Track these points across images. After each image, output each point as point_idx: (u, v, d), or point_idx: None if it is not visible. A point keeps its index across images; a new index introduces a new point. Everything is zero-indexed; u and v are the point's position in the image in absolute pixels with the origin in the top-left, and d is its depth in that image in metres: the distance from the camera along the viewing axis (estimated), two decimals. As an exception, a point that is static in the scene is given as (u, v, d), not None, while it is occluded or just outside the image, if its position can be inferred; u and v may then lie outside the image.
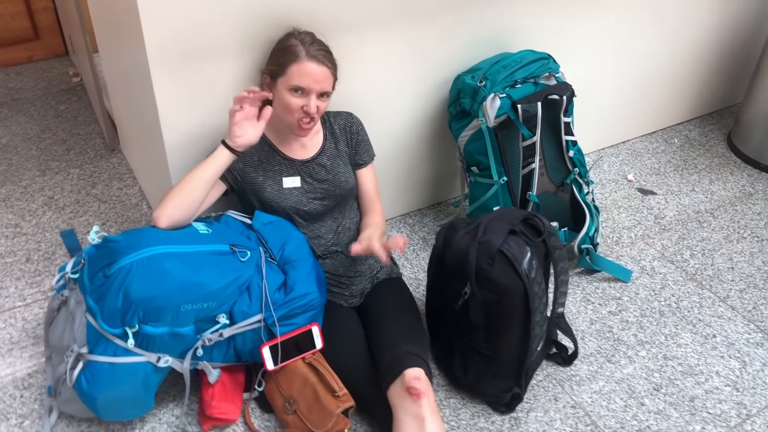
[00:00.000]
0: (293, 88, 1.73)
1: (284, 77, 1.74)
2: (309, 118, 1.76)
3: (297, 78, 1.73)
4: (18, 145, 2.77)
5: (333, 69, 1.78)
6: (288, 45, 1.76)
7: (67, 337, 1.68)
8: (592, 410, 1.87)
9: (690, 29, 2.80)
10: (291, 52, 1.74)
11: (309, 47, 1.74)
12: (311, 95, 1.74)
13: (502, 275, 1.70)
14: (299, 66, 1.72)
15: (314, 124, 1.80)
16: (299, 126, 1.78)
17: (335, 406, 1.66)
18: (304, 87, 1.73)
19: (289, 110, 1.75)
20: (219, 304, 1.65)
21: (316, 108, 1.75)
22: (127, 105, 2.34)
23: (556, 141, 2.18)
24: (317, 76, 1.73)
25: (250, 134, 1.72)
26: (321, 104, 1.77)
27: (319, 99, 1.76)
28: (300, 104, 1.74)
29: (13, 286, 2.14)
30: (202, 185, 1.71)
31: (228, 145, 1.72)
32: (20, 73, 3.25)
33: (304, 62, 1.72)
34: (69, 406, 1.71)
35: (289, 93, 1.74)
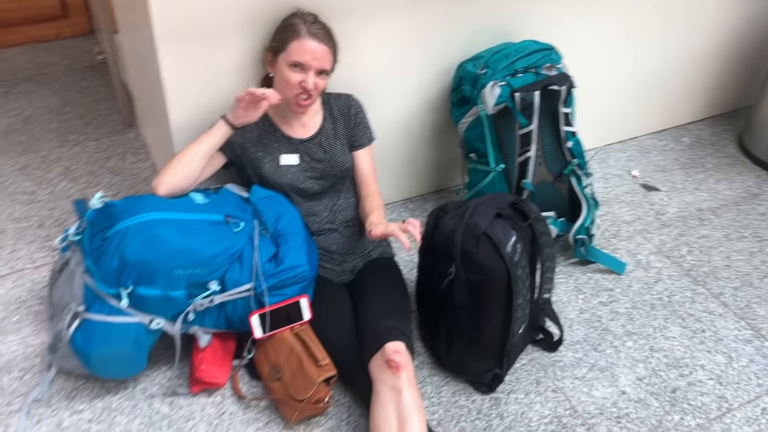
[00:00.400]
0: (293, 64, 1.80)
1: (285, 53, 1.80)
2: (306, 95, 1.82)
3: (297, 54, 1.79)
4: (40, 117, 2.88)
5: (333, 48, 1.84)
6: (290, 23, 1.82)
7: (66, 296, 1.76)
8: (572, 395, 1.90)
9: (704, 27, 2.79)
10: (292, 30, 1.80)
11: (310, 26, 1.80)
12: (310, 71, 1.80)
13: (486, 257, 1.74)
14: (300, 43, 1.78)
15: (312, 102, 1.86)
16: (297, 102, 1.84)
17: (317, 375, 1.71)
18: (303, 63, 1.79)
19: (288, 85, 1.82)
20: (210, 270, 1.71)
21: (314, 85, 1.80)
22: (141, 83, 2.43)
23: (554, 131, 2.20)
24: (316, 53, 1.79)
25: (251, 115, 1.81)
26: (319, 82, 1.83)
27: (317, 76, 1.82)
28: (298, 80, 1.80)
29: (25, 249, 2.24)
30: (200, 157, 1.79)
31: (229, 121, 1.80)
32: (48, 49, 3.37)
33: (305, 39, 1.78)
34: (66, 361, 1.80)
35: (288, 68, 1.81)
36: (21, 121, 2.85)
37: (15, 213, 2.38)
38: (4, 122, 2.84)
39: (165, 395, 1.83)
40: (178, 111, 1.95)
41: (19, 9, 3.29)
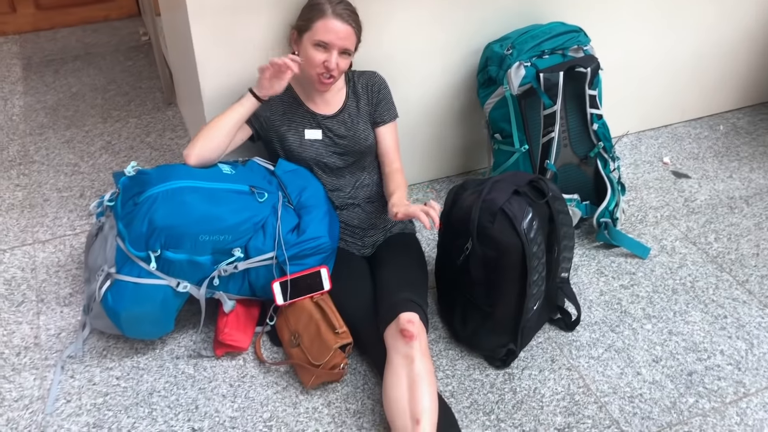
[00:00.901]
0: (317, 43, 1.85)
1: (310, 32, 1.86)
2: (329, 74, 1.87)
3: (321, 33, 1.84)
4: (86, 94, 3.01)
5: (357, 29, 1.88)
6: (316, 3, 1.87)
7: (100, 258, 1.86)
8: (587, 374, 1.91)
9: (746, 11, 2.73)
10: (318, 9, 1.85)
11: (336, 6, 1.85)
12: (333, 51, 1.85)
13: (501, 233, 1.77)
14: (324, 22, 1.83)
15: (334, 81, 1.91)
16: (319, 80, 1.89)
17: (334, 342, 1.77)
18: (328, 42, 1.84)
19: (312, 64, 1.87)
20: (234, 238, 1.79)
21: (336, 64, 1.85)
22: (179, 62, 2.52)
23: (580, 113, 2.21)
24: (341, 33, 1.84)
25: (276, 86, 1.86)
26: (342, 62, 1.88)
27: (340, 56, 1.87)
28: (322, 59, 1.86)
29: (66, 217, 2.36)
30: (228, 128, 1.86)
31: (255, 94, 1.87)
32: (96, 30, 3.51)
33: (330, 19, 1.83)
34: (98, 321, 1.90)
35: (313, 47, 1.86)
36: (68, 98, 2.98)
37: (59, 183, 2.51)
38: (53, 98, 2.97)
39: (190, 357, 1.92)
40: (210, 86, 2.03)
41: (72, -9, 3.44)
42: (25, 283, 2.11)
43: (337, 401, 1.82)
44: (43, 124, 2.81)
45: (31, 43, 3.39)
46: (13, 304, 2.05)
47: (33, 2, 3.40)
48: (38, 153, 2.65)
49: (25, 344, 1.93)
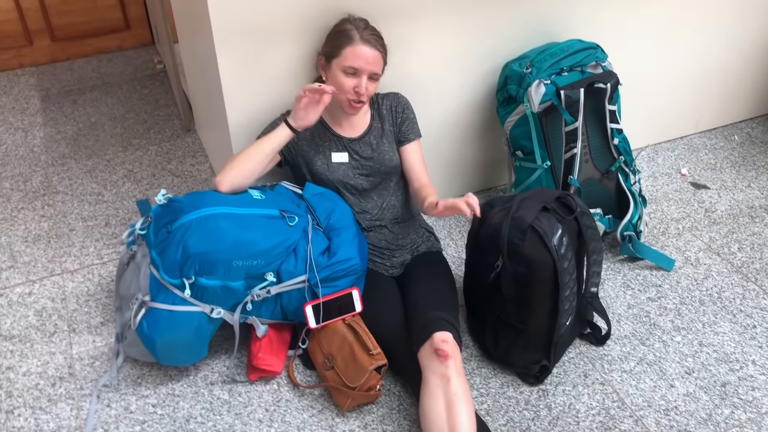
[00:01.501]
0: (346, 69, 1.88)
1: (338, 58, 1.88)
2: (359, 99, 1.90)
3: (351, 59, 1.87)
4: (105, 123, 3.04)
5: (384, 53, 1.91)
6: (343, 29, 1.90)
7: (133, 287, 1.87)
8: (620, 388, 1.92)
9: (755, 24, 2.77)
10: (346, 36, 1.88)
11: (363, 32, 1.88)
12: (363, 76, 1.87)
13: (532, 249, 1.78)
14: (353, 48, 1.86)
15: (363, 105, 1.94)
16: (350, 105, 1.92)
17: (369, 363, 1.78)
18: (357, 68, 1.87)
19: (342, 90, 1.90)
20: (267, 262, 1.80)
21: (366, 89, 1.88)
22: (200, 89, 2.55)
23: (601, 128, 2.23)
24: (369, 58, 1.87)
25: (311, 117, 1.89)
26: (371, 86, 1.90)
27: (369, 80, 1.89)
28: (352, 84, 1.88)
29: (93, 246, 2.38)
30: (262, 157, 1.88)
31: (290, 125, 1.89)
32: (111, 60, 3.55)
33: (358, 45, 1.86)
34: (132, 349, 1.91)
35: (342, 73, 1.89)
36: (88, 127, 3.01)
37: (83, 212, 2.53)
38: (73, 128, 3.01)
39: (224, 382, 1.92)
40: (235, 112, 2.05)
41: (88, 22, 3.47)
42: (56, 313, 2.13)
43: (373, 423, 1.82)
44: (64, 154, 2.84)
45: (48, 74, 3.43)
46: (45, 334, 2.06)
47: (49, 34, 3.45)
48: (61, 183, 2.68)
49: (59, 374, 1.94)
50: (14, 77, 3.41)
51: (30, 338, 2.05)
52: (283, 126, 1.91)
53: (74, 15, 3.44)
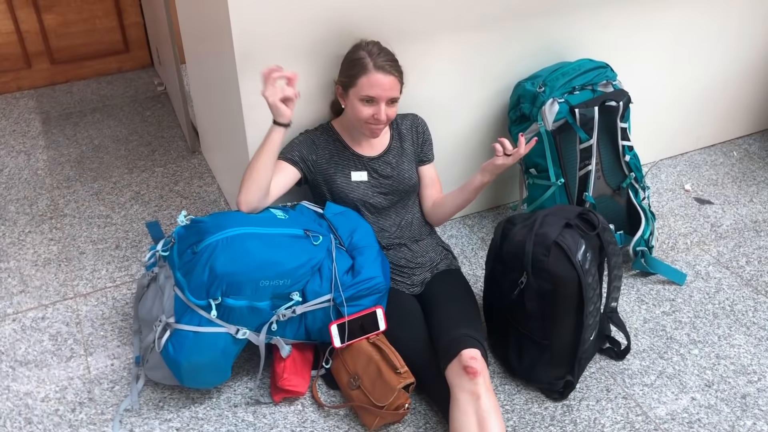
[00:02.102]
0: (364, 99, 1.89)
1: (355, 88, 1.90)
2: (381, 124, 1.91)
3: (367, 89, 1.88)
4: (109, 145, 3.02)
5: (399, 76, 1.93)
6: (357, 57, 1.90)
7: (156, 309, 1.85)
8: (643, 402, 1.93)
9: (752, 43, 2.85)
10: (360, 65, 1.89)
11: (376, 58, 1.88)
12: (381, 103, 1.89)
13: (557, 265, 1.80)
14: (368, 78, 1.87)
15: (384, 127, 1.96)
16: (371, 130, 1.93)
17: (397, 382, 1.78)
18: (374, 96, 1.88)
19: (360, 117, 1.91)
20: (293, 282, 1.80)
21: (386, 116, 1.90)
22: (210, 110, 2.55)
23: (612, 146, 2.27)
24: (385, 85, 1.88)
25: (286, 112, 1.80)
26: (390, 110, 1.92)
27: (388, 106, 1.91)
28: (371, 113, 1.90)
29: (104, 269, 2.35)
30: (265, 162, 1.83)
31: (276, 122, 1.83)
32: (111, 82, 3.54)
33: (373, 74, 1.87)
34: (155, 372, 1.89)
35: (360, 102, 1.90)
36: (91, 150, 2.99)
37: (93, 235, 2.50)
38: (76, 151, 2.98)
39: (248, 404, 1.91)
40: (255, 134, 2.06)
41: (88, 44, 3.47)
42: (71, 337, 2.10)
43: (401, 442, 1.82)
44: (69, 177, 2.82)
45: (48, 97, 3.41)
46: (62, 359, 2.03)
47: (47, 57, 3.43)
48: (68, 206, 2.65)
49: (79, 400, 1.91)
50: (13, 100, 3.38)
51: (46, 363, 2.01)
52: (272, 126, 1.83)
53: (74, 38, 3.43)
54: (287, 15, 1.90)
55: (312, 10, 1.93)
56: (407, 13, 2.06)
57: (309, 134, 2.05)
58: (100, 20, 3.43)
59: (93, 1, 3.38)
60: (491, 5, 2.18)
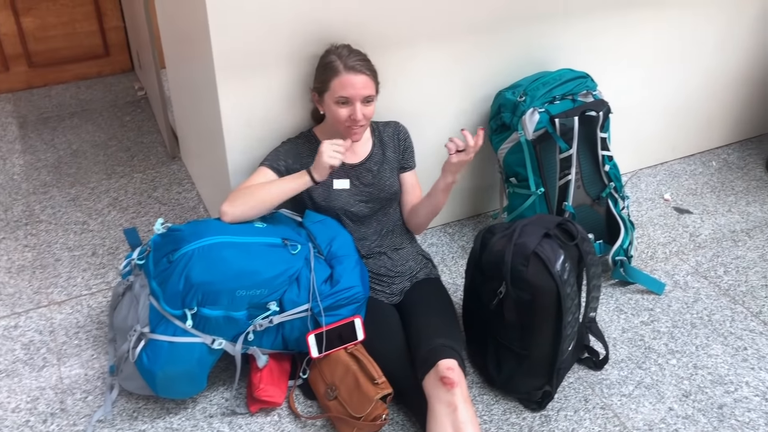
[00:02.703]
0: (338, 100, 1.89)
1: (329, 92, 1.90)
2: (359, 124, 1.91)
3: (340, 90, 1.88)
4: (87, 150, 2.99)
5: (372, 75, 1.92)
6: (327, 62, 1.91)
7: (131, 318, 1.83)
8: (621, 412, 1.93)
9: (729, 56, 2.87)
10: (331, 69, 1.89)
11: (346, 60, 1.89)
12: (356, 103, 1.88)
13: (536, 275, 1.80)
14: (340, 79, 1.88)
15: (365, 129, 1.95)
16: (351, 131, 1.93)
17: (374, 393, 1.76)
18: (348, 96, 1.88)
19: (338, 119, 1.91)
20: (270, 291, 1.78)
21: (362, 115, 1.89)
22: (190, 116, 2.53)
23: (592, 155, 2.28)
24: (357, 84, 1.88)
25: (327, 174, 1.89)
26: (366, 110, 1.91)
27: (363, 105, 1.90)
28: (347, 113, 1.89)
29: (80, 277, 2.32)
30: (276, 201, 1.88)
31: (313, 176, 1.87)
32: (90, 86, 3.50)
33: (343, 75, 1.87)
34: (129, 382, 1.86)
35: (336, 105, 1.90)
36: (69, 155, 2.95)
37: (69, 242, 2.47)
38: (53, 156, 2.95)
39: (224, 415, 1.88)
40: (233, 141, 2.05)
41: (67, 48, 3.43)
42: (44, 346, 2.06)
43: (379, 453, 1.80)
44: (46, 182, 2.78)
45: (25, 101, 3.36)
46: (34, 369, 1.99)
47: (26, 60, 3.39)
48: (44, 212, 2.61)
49: (50, 410, 1.88)
50: (-10, 104, 3.34)
51: (18, 373, 1.98)
52: (303, 174, 1.88)
53: (53, 41, 3.39)
54: (266, 21, 1.89)
55: (291, 17, 1.92)
56: (389, 22, 2.06)
57: (292, 143, 2.04)
58: (80, 24, 3.40)
59: (73, 5, 3.34)
60: (473, 15, 2.18)
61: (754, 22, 2.82)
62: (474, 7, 2.16)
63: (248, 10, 1.85)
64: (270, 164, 1.96)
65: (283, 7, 1.89)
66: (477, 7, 2.17)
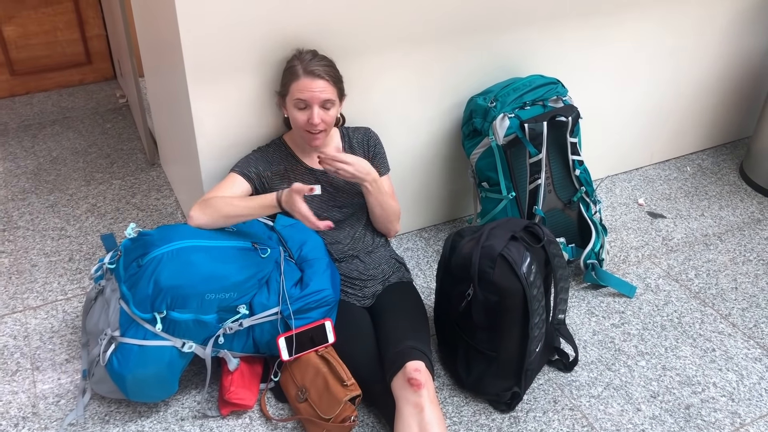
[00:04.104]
0: (297, 104, 1.92)
1: (289, 95, 1.94)
2: (317, 129, 1.93)
3: (297, 93, 1.91)
4: (67, 157, 3.00)
5: (333, 80, 1.94)
6: (290, 66, 1.95)
7: (102, 322, 1.84)
8: (589, 413, 1.95)
9: (702, 62, 2.92)
10: (292, 72, 1.93)
11: (307, 64, 1.91)
12: (314, 106, 1.91)
13: (502, 277, 1.82)
14: (298, 83, 1.91)
15: (324, 135, 1.97)
16: (310, 136, 1.95)
17: (343, 394, 1.78)
18: (305, 99, 1.90)
19: (297, 124, 1.94)
20: (240, 295, 1.80)
21: (320, 119, 1.91)
22: (167, 122, 2.55)
23: (563, 160, 2.31)
24: (315, 88, 1.90)
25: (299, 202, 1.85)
26: (325, 115, 1.93)
27: (322, 109, 1.92)
28: (305, 118, 1.92)
29: (56, 282, 2.33)
30: (245, 218, 1.89)
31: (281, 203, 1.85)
32: (72, 94, 3.52)
33: (302, 79, 1.90)
34: (101, 386, 1.87)
35: (295, 109, 1.93)
36: (49, 162, 2.97)
37: (46, 248, 2.48)
38: (33, 162, 2.96)
39: (195, 418, 1.90)
40: (206, 147, 2.07)
41: (49, 56, 3.45)
42: (18, 351, 2.07)
43: (348, 454, 1.81)
44: (25, 189, 2.79)
45: (7, 108, 3.38)
46: (6, 373, 2.00)
47: (7, 68, 3.40)
48: (22, 218, 2.63)
49: (22, 414, 1.88)
50: (-29, 111, 3.35)
51: (-9, 378, 1.99)
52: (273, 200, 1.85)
53: (35, 49, 3.41)
54: (237, 29, 1.91)
55: (262, 25, 1.94)
56: (360, 28, 2.09)
57: (263, 151, 2.06)
58: (62, 32, 3.42)
59: (54, 13, 3.37)
60: (444, 21, 2.21)
61: (726, 29, 2.87)
62: (445, 14, 2.20)
63: (219, 19, 1.88)
64: (240, 170, 1.99)
65: (253, 15, 1.92)
66: (448, 14, 2.20)
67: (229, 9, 1.87)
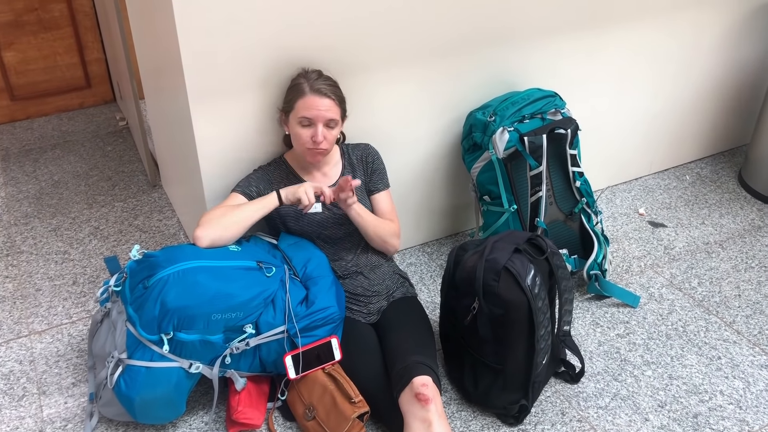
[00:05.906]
0: (302, 121, 1.94)
1: (293, 111, 1.95)
2: (319, 147, 1.95)
3: (303, 110, 1.93)
4: (68, 181, 3.02)
5: (338, 100, 1.97)
6: (296, 83, 1.97)
7: (108, 344, 1.85)
8: (597, 424, 1.95)
9: (699, 72, 2.94)
10: (298, 90, 1.95)
11: (314, 82, 1.94)
12: (318, 125, 1.93)
13: (507, 290, 1.83)
14: (304, 100, 1.93)
15: (326, 153, 1.98)
16: (311, 154, 1.96)
17: (351, 411, 1.78)
18: (311, 117, 1.92)
19: (300, 141, 1.95)
20: (246, 314, 1.80)
21: (323, 136, 1.93)
22: (168, 144, 2.57)
23: (563, 172, 2.32)
24: (321, 107, 1.92)
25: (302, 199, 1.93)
26: (328, 133, 1.95)
27: (326, 128, 1.94)
28: (309, 135, 1.94)
29: (61, 306, 2.34)
30: (251, 222, 1.92)
31: (281, 198, 1.94)
32: (72, 118, 3.54)
33: (308, 96, 1.93)
34: (108, 409, 1.87)
35: (298, 125, 1.95)
36: (51, 186, 2.98)
37: (50, 272, 2.49)
38: (35, 187, 2.97)
39: (203, 439, 1.90)
40: (209, 167, 2.08)
41: (49, 81, 3.47)
42: (24, 376, 2.07)
43: (357, 472, 1.81)
44: (27, 213, 2.80)
45: (7, 134, 3.39)
46: (13, 399, 2.00)
47: (8, 94, 3.43)
48: (25, 243, 2.63)
49: (30, 439, 1.88)
50: (-28, 137, 3.37)
51: (-2, 403, 1.99)
52: (274, 197, 1.94)
53: (34, 74, 3.44)
54: (238, 49, 1.93)
55: (263, 44, 1.96)
56: (361, 45, 2.11)
57: (264, 170, 2.08)
58: (61, 57, 3.45)
59: (53, 38, 3.39)
60: (443, 38, 2.23)
61: (722, 38, 2.90)
62: (444, 31, 2.22)
63: (220, 40, 1.90)
64: (242, 190, 2.00)
65: (254, 35, 1.94)
66: (447, 31, 2.23)
67: (230, 30, 1.90)
